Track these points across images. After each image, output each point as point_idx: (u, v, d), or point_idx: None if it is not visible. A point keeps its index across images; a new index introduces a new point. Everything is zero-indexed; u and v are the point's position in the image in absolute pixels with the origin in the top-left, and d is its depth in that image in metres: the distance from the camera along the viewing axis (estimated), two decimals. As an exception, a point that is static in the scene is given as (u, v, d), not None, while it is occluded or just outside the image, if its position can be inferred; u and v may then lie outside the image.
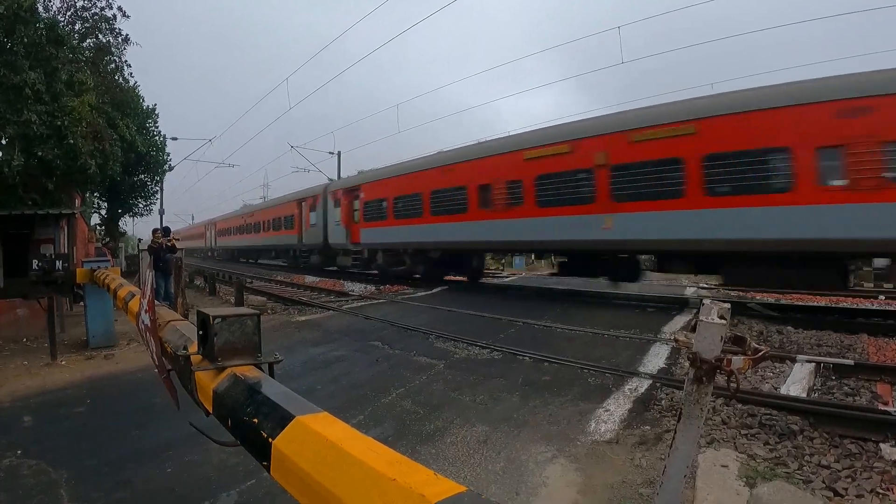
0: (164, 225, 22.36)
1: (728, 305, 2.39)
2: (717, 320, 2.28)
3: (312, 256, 32.76)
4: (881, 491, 4.42)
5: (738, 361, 2.26)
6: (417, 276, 22.96)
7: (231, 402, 1.89)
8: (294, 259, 36.12)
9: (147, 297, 3.17)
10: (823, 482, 4.57)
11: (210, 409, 2.12)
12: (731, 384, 2.32)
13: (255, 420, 1.66)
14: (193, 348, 2.40)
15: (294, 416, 1.54)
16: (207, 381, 2.12)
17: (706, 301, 2.43)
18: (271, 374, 2.18)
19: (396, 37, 25.92)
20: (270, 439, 1.52)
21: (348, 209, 27.11)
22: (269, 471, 1.53)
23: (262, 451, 1.57)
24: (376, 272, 25.18)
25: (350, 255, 27.82)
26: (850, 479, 4.63)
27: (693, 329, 2.37)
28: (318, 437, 1.39)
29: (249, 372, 2.07)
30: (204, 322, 2.23)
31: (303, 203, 32.49)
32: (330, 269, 31.30)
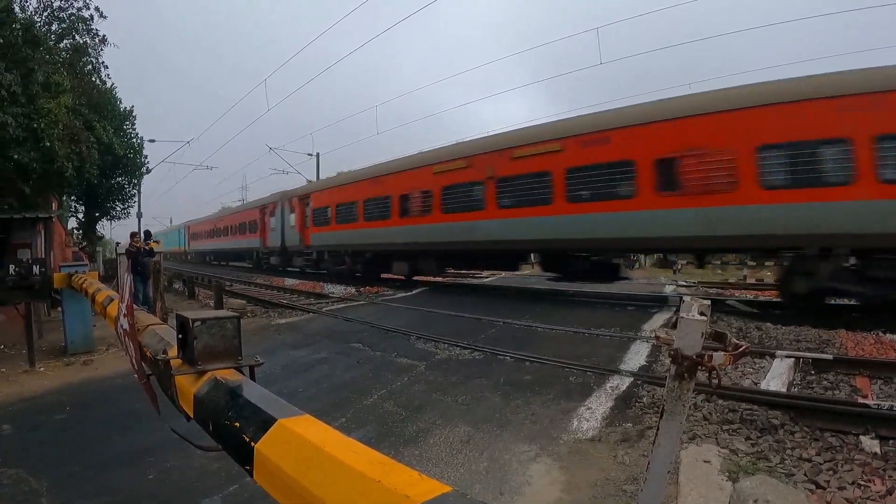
0: (143, 228, 22.17)
1: (708, 302, 2.41)
2: (698, 317, 2.29)
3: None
4: (862, 482, 4.48)
5: (718, 357, 2.27)
6: (358, 274, 24.92)
7: (212, 407, 1.87)
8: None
9: (125, 300, 3.14)
10: (805, 475, 4.62)
11: (191, 414, 2.09)
12: (713, 380, 2.33)
13: (237, 424, 1.64)
14: (173, 352, 2.37)
15: (276, 420, 1.52)
16: (188, 386, 2.10)
17: (686, 298, 2.45)
18: (252, 377, 2.16)
19: (376, 37, 25.92)
20: (253, 443, 1.50)
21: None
22: (251, 475, 1.52)
23: (244, 456, 1.55)
24: (356, 273, 25.84)
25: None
26: (831, 472, 4.69)
27: (674, 326, 2.38)
28: (300, 440, 1.38)
29: (230, 375, 2.04)
30: (183, 325, 2.20)
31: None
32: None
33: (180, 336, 2.26)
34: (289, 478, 1.30)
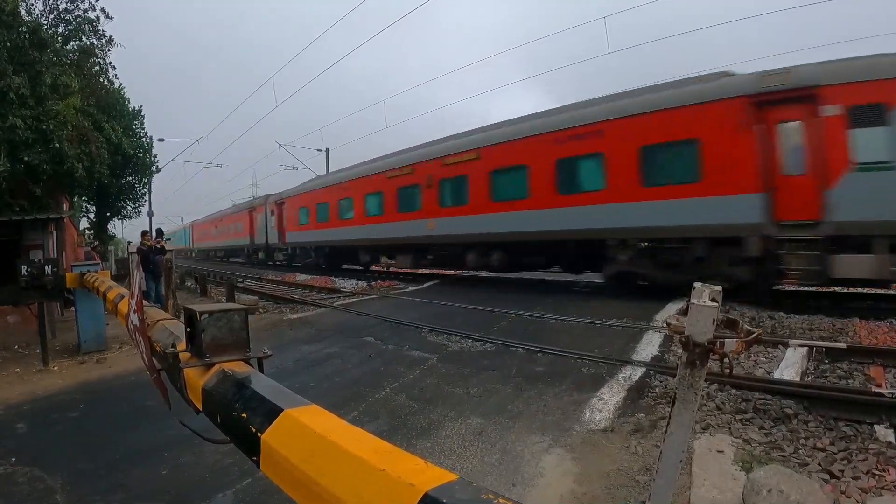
0: (155, 227, 22.29)
1: (719, 288, 2.38)
2: (709, 303, 2.27)
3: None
4: (877, 472, 4.45)
5: (730, 344, 2.25)
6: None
7: (220, 399, 1.87)
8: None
9: (135, 297, 3.14)
10: (819, 465, 4.60)
11: (200, 407, 2.10)
12: (725, 369, 2.31)
13: (244, 415, 1.64)
14: (182, 346, 2.37)
15: (282, 410, 1.52)
16: (196, 378, 2.10)
17: (697, 285, 2.42)
18: (260, 369, 2.16)
19: (382, 31, 25.91)
20: (259, 434, 1.50)
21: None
22: (258, 466, 1.51)
23: (251, 447, 1.55)
24: (361, 268, 28.21)
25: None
26: (845, 462, 4.67)
27: (685, 313, 2.36)
28: (306, 430, 1.37)
29: (238, 367, 2.05)
30: (191, 318, 2.20)
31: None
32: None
33: (188, 329, 2.27)
34: (294, 467, 1.30)
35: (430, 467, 1.12)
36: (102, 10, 17.38)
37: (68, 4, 16.98)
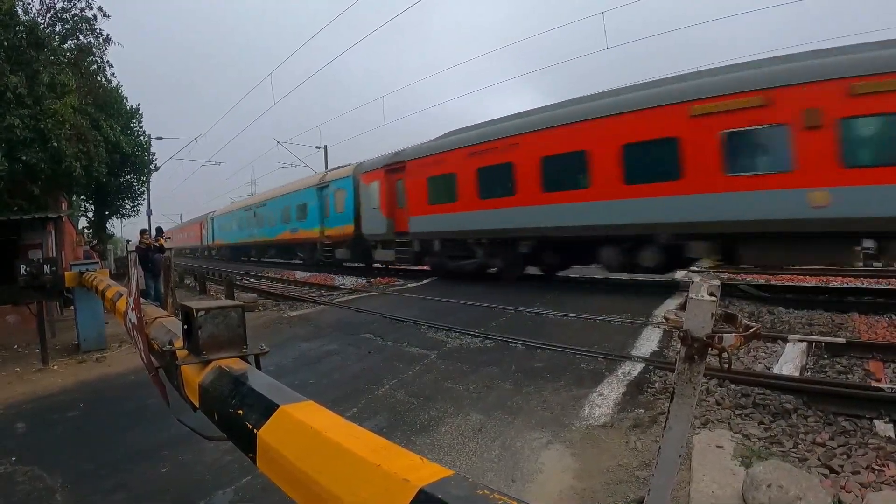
0: (155, 225, 22.27)
1: (718, 283, 2.38)
2: (707, 297, 2.26)
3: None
4: (876, 467, 4.44)
5: (729, 339, 2.25)
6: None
7: (217, 395, 1.87)
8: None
9: (133, 295, 3.14)
10: (819, 460, 4.58)
11: (197, 404, 2.09)
12: (724, 363, 2.30)
13: (241, 412, 1.64)
14: (179, 343, 2.37)
15: (278, 406, 1.51)
16: (193, 376, 2.10)
17: (695, 279, 2.41)
18: (258, 365, 2.16)
19: (377, 29, 25.86)
20: (255, 430, 1.49)
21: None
22: (255, 462, 1.51)
23: (247, 443, 1.55)
24: (360, 265, 27.37)
25: None
26: (845, 457, 4.65)
27: (683, 307, 2.35)
28: (302, 426, 1.37)
29: (235, 364, 2.04)
30: (188, 316, 2.20)
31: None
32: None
33: (185, 326, 2.26)
34: (290, 464, 1.30)
35: (425, 463, 1.12)
36: (100, 8, 17.40)
37: (65, 3, 17.03)
